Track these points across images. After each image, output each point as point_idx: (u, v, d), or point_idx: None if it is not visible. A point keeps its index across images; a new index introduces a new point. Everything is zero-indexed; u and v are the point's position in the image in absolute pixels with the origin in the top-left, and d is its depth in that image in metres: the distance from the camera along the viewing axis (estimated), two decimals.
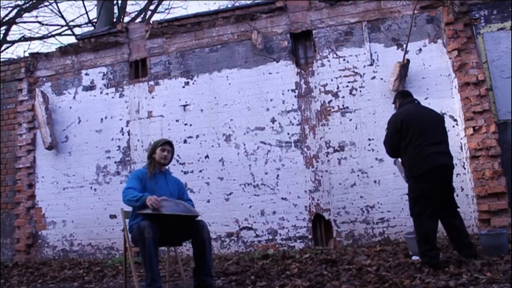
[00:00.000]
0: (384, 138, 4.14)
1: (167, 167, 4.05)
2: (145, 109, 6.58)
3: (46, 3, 12.49)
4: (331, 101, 5.94)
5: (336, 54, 6.03)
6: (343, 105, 5.89)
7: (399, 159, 4.11)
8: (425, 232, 3.74)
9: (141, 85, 6.66)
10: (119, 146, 6.58)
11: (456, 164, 4.40)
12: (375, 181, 5.63)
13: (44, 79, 7.10)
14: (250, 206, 5.97)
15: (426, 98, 5.54)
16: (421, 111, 4.07)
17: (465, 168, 5.41)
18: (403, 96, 4.28)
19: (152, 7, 13.55)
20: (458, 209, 3.96)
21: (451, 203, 3.93)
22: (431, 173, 3.76)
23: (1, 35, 12.26)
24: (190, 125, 6.36)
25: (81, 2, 16.20)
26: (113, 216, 6.32)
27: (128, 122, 6.61)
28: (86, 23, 12.33)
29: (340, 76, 5.96)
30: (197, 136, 6.30)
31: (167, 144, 3.95)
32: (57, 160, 6.77)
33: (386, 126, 4.14)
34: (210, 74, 6.40)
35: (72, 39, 11.90)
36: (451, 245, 4.03)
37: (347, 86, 5.92)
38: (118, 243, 6.23)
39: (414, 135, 3.84)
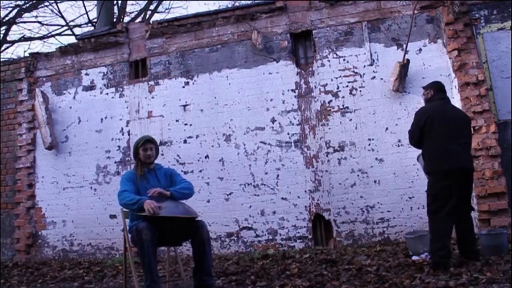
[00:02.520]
0: (410, 128, 4.09)
1: (156, 162, 3.93)
2: (145, 109, 6.58)
3: (46, 3, 12.48)
4: (331, 101, 5.94)
5: (336, 54, 6.03)
6: (343, 105, 5.89)
7: (421, 156, 4.02)
8: (439, 230, 3.69)
9: (141, 85, 6.66)
10: (119, 146, 6.58)
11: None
12: (375, 181, 5.63)
13: (44, 79, 7.10)
14: (250, 206, 5.97)
15: None
16: (449, 110, 3.96)
17: None
18: (437, 90, 4.09)
19: (152, 7, 13.57)
20: (471, 213, 3.88)
21: (466, 205, 3.86)
22: (454, 172, 3.72)
23: (1, 35, 12.25)
24: (190, 125, 6.36)
25: (81, 2, 16.18)
26: (113, 216, 6.31)
27: (128, 122, 6.61)
28: (86, 23, 12.33)
29: (340, 76, 5.96)
30: (197, 136, 6.30)
31: (148, 143, 3.78)
32: (57, 160, 6.77)
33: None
34: (210, 74, 6.40)
35: (72, 39, 11.86)
36: (457, 246, 3.95)
37: (347, 86, 5.92)
38: (118, 243, 6.23)
39: (439, 132, 3.80)
